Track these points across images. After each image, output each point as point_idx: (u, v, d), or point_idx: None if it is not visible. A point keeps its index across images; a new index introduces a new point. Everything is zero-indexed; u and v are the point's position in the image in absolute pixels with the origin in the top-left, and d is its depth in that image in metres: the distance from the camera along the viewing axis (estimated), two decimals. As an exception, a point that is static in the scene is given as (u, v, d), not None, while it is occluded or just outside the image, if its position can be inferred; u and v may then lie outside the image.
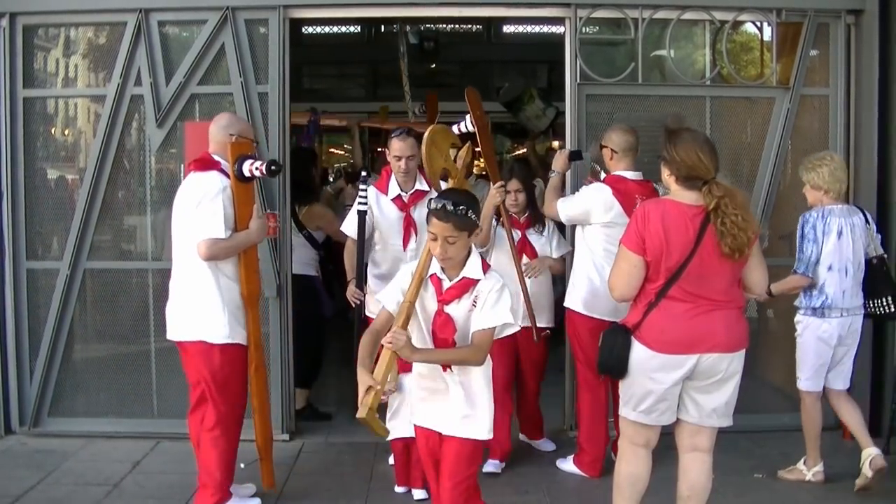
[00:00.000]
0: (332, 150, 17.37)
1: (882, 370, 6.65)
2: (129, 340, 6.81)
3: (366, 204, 5.93)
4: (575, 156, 6.18)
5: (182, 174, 6.47)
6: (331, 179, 12.20)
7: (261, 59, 6.58)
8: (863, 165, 6.70)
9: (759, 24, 7.09)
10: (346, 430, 6.84)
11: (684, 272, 4.23)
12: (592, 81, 6.65)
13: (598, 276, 5.69)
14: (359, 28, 12.94)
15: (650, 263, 4.29)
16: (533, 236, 6.25)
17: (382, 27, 12.95)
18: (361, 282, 6.02)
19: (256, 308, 5.31)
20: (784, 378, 7.18)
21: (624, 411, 4.55)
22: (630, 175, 5.76)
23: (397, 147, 5.88)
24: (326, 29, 12.43)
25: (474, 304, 4.02)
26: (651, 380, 4.35)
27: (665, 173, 4.45)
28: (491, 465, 5.97)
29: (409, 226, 5.89)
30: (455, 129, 5.56)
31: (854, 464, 6.01)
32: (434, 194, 4.67)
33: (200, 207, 5.02)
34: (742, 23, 7.02)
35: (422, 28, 11.56)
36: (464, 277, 4.05)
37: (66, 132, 7.18)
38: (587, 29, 6.77)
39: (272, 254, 6.48)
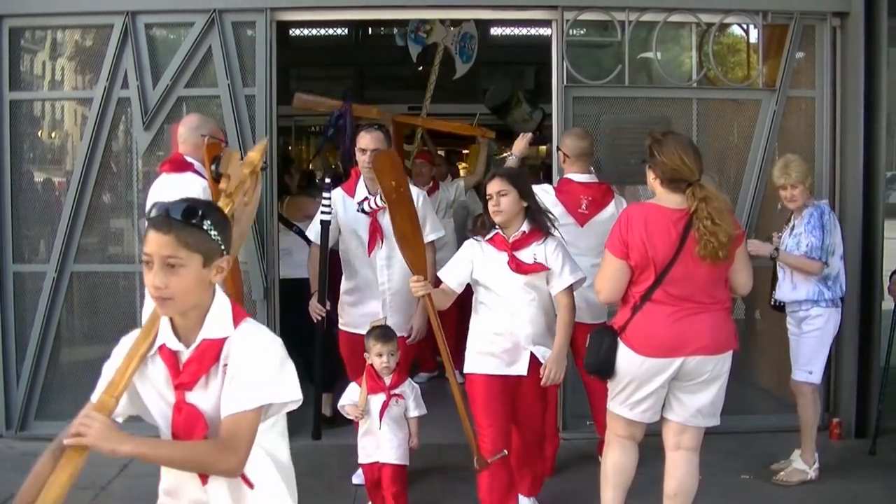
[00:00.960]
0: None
1: (868, 371, 6.68)
2: (116, 343, 6.76)
3: (329, 213, 5.80)
4: (537, 140, 6.23)
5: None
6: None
7: (248, 62, 6.58)
8: (848, 166, 6.73)
9: (745, 26, 7.12)
10: (333, 432, 6.82)
11: (668, 275, 4.28)
12: (579, 84, 6.67)
13: None
14: (346, 30, 12.92)
15: (635, 267, 4.33)
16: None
17: (370, 29, 12.94)
18: (324, 295, 5.92)
19: (240, 306, 5.29)
20: (771, 379, 7.23)
21: (611, 405, 4.61)
22: (579, 178, 5.83)
23: (363, 140, 5.66)
24: (314, 31, 12.40)
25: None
26: (637, 381, 4.41)
27: (650, 177, 4.48)
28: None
29: (375, 231, 5.69)
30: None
31: (842, 464, 6.05)
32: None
33: None
34: (728, 25, 7.06)
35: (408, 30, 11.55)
36: (203, 340, 2.69)
37: (53, 135, 7.16)
38: (574, 31, 6.78)
39: (259, 256, 6.47)
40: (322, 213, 5.81)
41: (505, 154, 8.03)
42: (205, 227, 2.63)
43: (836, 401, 6.84)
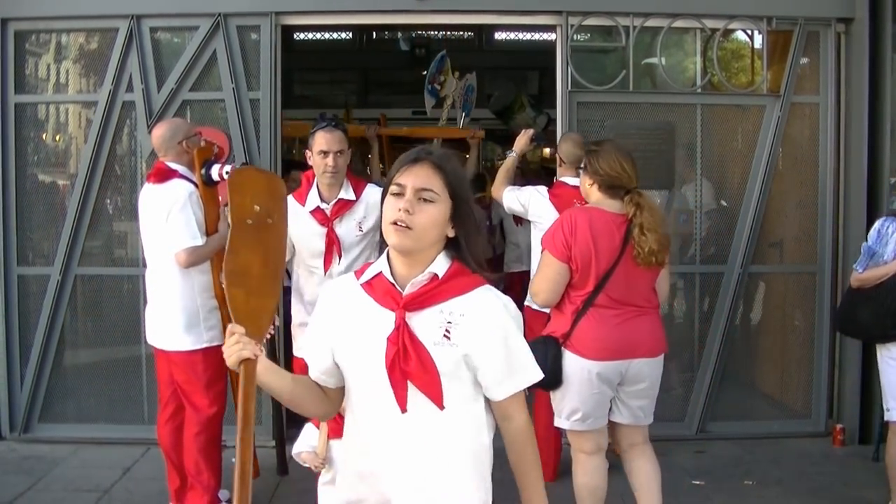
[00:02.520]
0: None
1: (871, 377, 6.67)
2: (120, 346, 6.79)
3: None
4: (539, 138, 6.20)
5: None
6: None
7: (252, 66, 6.59)
8: (852, 173, 6.73)
9: (749, 32, 7.11)
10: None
11: (611, 279, 4.35)
12: (583, 89, 6.67)
13: None
14: (350, 35, 12.95)
15: (576, 270, 4.37)
16: None
17: (374, 34, 12.96)
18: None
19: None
20: (773, 386, 7.22)
21: (558, 422, 4.60)
22: (573, 181, 5.78)
23: (323, 140, 4.98)
24: (318, 35, 12.42)
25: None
26: (587, 388, 4.42)
27: (587, 183, 4.58)
28: None
29: (331, 244, 5.03)
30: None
31: (845, 470, 6.05)
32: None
33: (172, 218, 4.99)
34: (733, 31, 7.04)
35: (413, 35, 11.58)
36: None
37: (58, 138, 7.17)
38: (578, 36, 6.79)
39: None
40: None
41: (506, 151, 8.11)
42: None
43: (839, 407, 6.83)
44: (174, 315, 5.13)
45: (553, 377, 4.40)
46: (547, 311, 4.77)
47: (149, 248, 5.25)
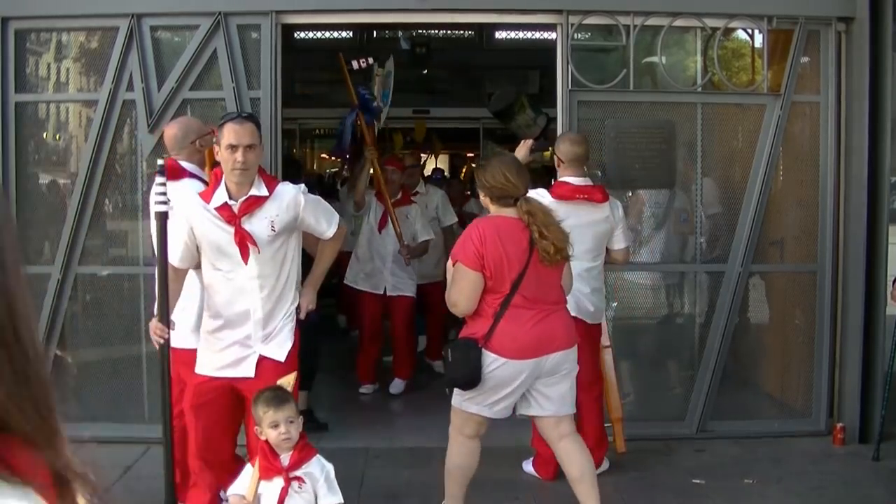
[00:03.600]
0: (323, 155, 17.37)
1: (871, 376, 6.68)
2: (121, 345, 6.80)
3: (166, 203, 4.55)
4: (539, 146, 6.21)
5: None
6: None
7: (253, 65, 6.59)
8: (853, 172, 6.72)
9: (750, 31, 7.11)
10: (336, 436, 6.84)
11: (524, 280, 4.63)
12: (584, 88, 6.67)
13: None
14: (351, 34, 12.94)
15: (490, 277, 4.63)
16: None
17: (375, 33, 12.95)
18: (166, 314, 4.66)
19: None
20: (774, 385, 7.23)
21: (464, 405, 4.83)
22: (574, 180, 5.84)
23: (233, 133, 4.50)
24: (318, 34, 12.41)
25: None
26: (502, 383, 4.68)
27: (482, 196, 4.92)
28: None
29: (242, 242, 4.55)
30: None
31: (846, 469, 6.04)
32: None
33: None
34: (733, 30, 7.05)
35: (413, 34, 11.57)
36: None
37: (58, 137, 7.17)
38: (579, 35, 6.78)
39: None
40: (156, 202, 4.60)
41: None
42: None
43: (839, 406, 6.83)
44: (187, 314, 5.11)
45: (473, 376, 4.66)
46: None
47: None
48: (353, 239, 8.86)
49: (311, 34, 12.06)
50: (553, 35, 6.98)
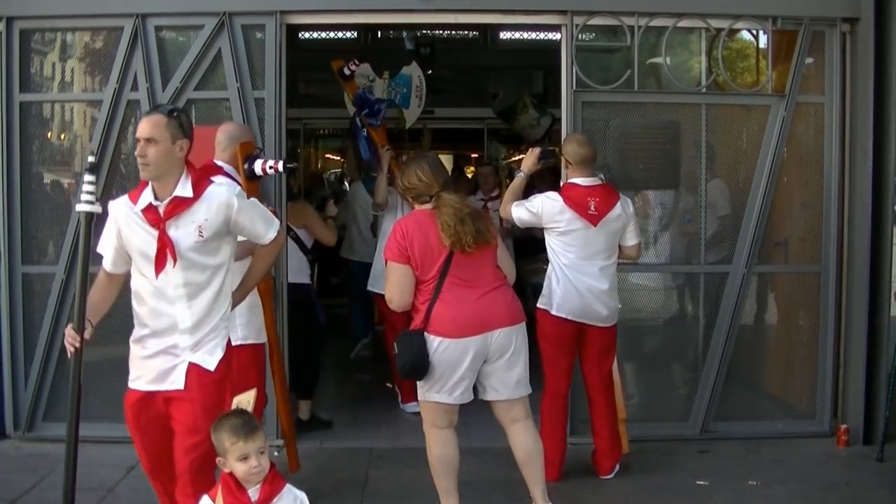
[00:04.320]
0: (328, 155, 17.37)
1: (875, 377, 6.67)
2: (125, 345, 6.76)
3: (92, 202, 4.24)
4: (546, 155, 6.20)
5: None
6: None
7: (257, 65, 6.59)
8: (858, 173, 6.72)
9: (754, 31, 7.10)
10: (340, 435, 6.85)
11: (451, 265, 4.86)
12: (588, 88, 6.66)
13: (560, 279, 5.82)
14: (355, 34, 12.94)
15: (418, 267, 4.88)
16: None
17: (379, 33, 12.95)
18: (81, 320, 4.35)
19: (271, 301, 5.43)
20: (778, 385, 7.22)
21: (427, 396, 4.98)
22: (582, 181, 5.85)
23: (139, 126, 4.24)
24: (323, 34, 12.41)
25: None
26: (451, 366, 4.84)
27: (406, 197, 5.27)
28: None
29: (163, 248, 4.13)
30: None
31: (850, 471, 6.04)
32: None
33: None
34: (738, 30, 7.04)
35: (418, 34, 11.57)
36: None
37: (63, 136, 7.18)
38: (583, 36, 6.77)
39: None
40: (84, 201, 4.25)
41: (513, 165, 8.25)
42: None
43: (843, 407, 6.82)
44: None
45: (421, 363, 4.85)
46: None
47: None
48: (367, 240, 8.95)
49: (315, 34, 12.05)
50: (557, 35, 6.97)
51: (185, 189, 4.17)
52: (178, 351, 4.20)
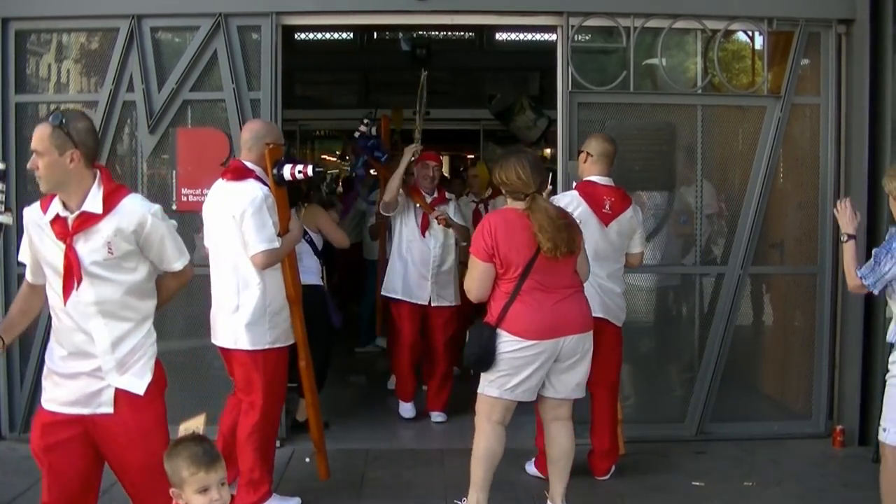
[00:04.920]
0: (324, 156, 17.38)
1: (871, 379, 6.67)
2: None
3: (1, 212, 4.30)
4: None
5: (174, 180, 6.49)
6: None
7: (253, 66, 6.59)
8: (853, 174, 6.73)
9: (750, 33, 7.11)
10: (337, 436, 6.84)
11: (534, 268, 4.84)
12: (584, 90, 6.67)
13: None
14: (351, 35, 12.96)
15: (501, 266, 4.88)
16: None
17: (375, 34, 12.97)
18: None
19: (300, 306, 5.41)
20: (774, 386, 7.23)
21: (488, 390, 5.00)
22: (600, 180, 5.88)
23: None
24: (319, 35, 12.42)
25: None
26: (520, 365, 4.87)
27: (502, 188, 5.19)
28: None
29: (69, 266, 3.82)
30: None
31: (845, 472, 6.04)
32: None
33: (249, 219, 5.07)
34: (733, 32, 7.04)
35: (414, 35, 11.57)
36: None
37: (59, 138, 7.16)
38: (579, 37, 6.79)
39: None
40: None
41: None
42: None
43: (839, 408, 6.83)
44: (238, 314, 5.23)
45: (488, 356, 4.89)
46: None
47: (218, 246, 5.32)
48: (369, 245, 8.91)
49: (311, 35, 12.05)
50: (553, 37, 6.98)
51: (94, 203, 3.84)
52: (101, 374, 3.86)
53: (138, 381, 3.92)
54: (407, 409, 7.54)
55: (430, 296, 7.38)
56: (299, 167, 5.16)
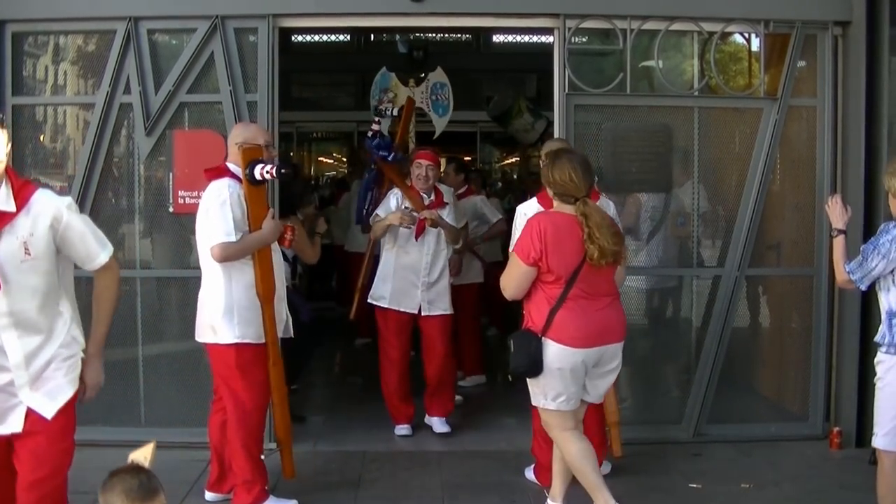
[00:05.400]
0: (320, 158, 17.38)
1: (868, 379, 6.66)
2: (117, 349, 6.77)
3: None
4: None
5: (170, 182, 6.49)
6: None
7: (250, 68, 6.59)
8: (850, 176, 6.73)
9: (747, 35, 7.12)
10: (333, 438, 6.84)
11: (580, 274, 4.75)
12: (581, 92, 6.67)
13: None
14: (348, 37, 12.97)
15: (547, 271, 4.76)
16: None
17: (372, 36, 12.98)
18: None
19: (272, 305, 5.38)
20: (771, 388, 7.22)
21: (544, 403, 4.90)
22: None
23: None
24: (316, 37, 12.44)
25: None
26: (569, 373, 4.77)
27: (547, 188, 5.00)
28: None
29: None
30: None
31: (842, 473, 6.03)
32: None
33: (211, 213, 5.18)
34: (730, 34, 7.05)
35: (411, 37, 11.59)
36: None
37: (55, 140, 7.17)
38: (576, 39, 6.79)
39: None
40: None
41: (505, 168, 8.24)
42: None
43: (836, 410, 6.83)
44: (210, 309, 5.31)
45: (536, 365, 4.77)
46: None
47: (198, 244, 5.40)
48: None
49: (308, 37, 12.06)
50: (550, 39, 6.98)
51: (6, 202, 3.62)
52: (14, 389, 3.66)
53: (49, 404, 3.74)
54: (402, 430, 7.05)
55: (419, 304, 6.95)
56: (267, 167, 5.17)
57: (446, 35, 12.73)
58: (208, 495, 5.60)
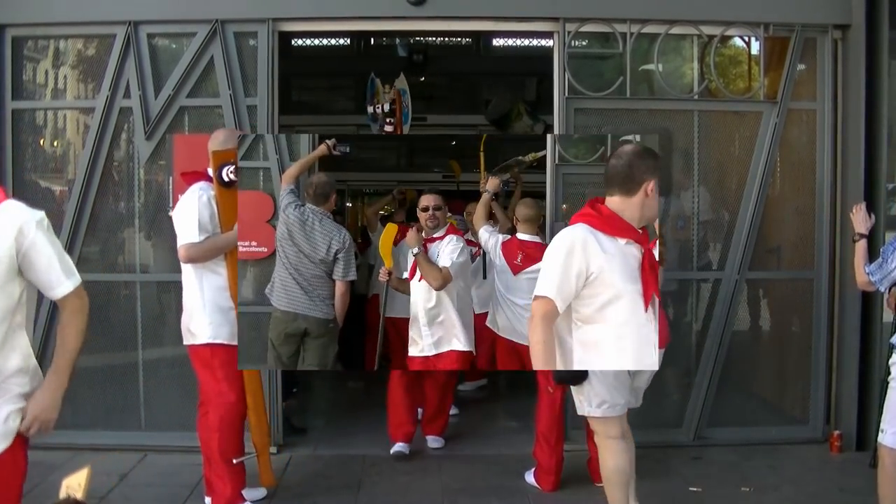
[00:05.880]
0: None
1: (868, 383, 6.67)
2: (117, 353, 6.78)
3: None
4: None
5: (170, 186, 6.50)
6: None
7: (250, 72, 6.59)
8: (849, 179, 6.73)
9: (746, 38, 7.12)
10: (333, 442, 6.84)
11: None
12: (581, 95, 6.67)
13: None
14: (348, 41, 12.95)
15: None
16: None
17: (372, 40, 12.96)
18: None
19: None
20: (771, 391, 7.22)
21: (590, 411, 4.79)
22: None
23: None
24: (315, 41, 12.41)
25: None
26: (616, 380, 4.73)
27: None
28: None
29: None
30: None
31: (843, 476, 6.03)
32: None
33: (178, 216, 5.27)
34: (730, 37, 7.05)
35: (411, 41, 11.58)
36: None
37: (55, 144, 7.17)
38: (575, 43, 6.79)
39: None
40: None
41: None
42: None
43: (836, 413, 6.83)
44: (186, 310, 5.37)
45: (581, 375, 4.66)
46: None
47: None
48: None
49: (308, 41, 12.05)
50: (550, 42, 6.98)
51: None
52: None
53: None
54: (397, 447, 6.64)
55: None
56: (230, 167, 5.23)
57: (446, 39, 12.70)
58: (208, 500, 5.60)
